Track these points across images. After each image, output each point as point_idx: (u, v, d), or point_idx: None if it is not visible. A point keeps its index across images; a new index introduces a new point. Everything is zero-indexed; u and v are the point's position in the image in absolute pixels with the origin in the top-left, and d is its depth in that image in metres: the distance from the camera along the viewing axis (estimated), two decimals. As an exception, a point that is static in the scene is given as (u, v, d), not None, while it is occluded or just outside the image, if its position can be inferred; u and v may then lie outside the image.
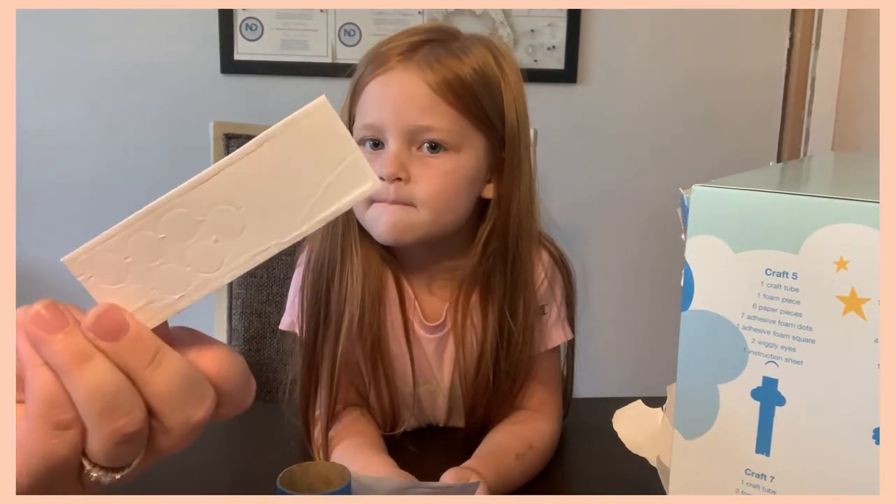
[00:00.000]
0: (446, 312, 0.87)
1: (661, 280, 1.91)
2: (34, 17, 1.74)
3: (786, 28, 1.90)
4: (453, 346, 0.87)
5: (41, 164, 1.81)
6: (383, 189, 0.76)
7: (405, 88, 0.77)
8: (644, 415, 0.66)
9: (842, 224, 0.46)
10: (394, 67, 0.77)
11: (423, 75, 0.77)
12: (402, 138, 0.77)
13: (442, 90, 0.77)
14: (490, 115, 0.81)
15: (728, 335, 0.51)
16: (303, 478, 0.60)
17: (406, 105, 0.77)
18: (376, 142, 0.79)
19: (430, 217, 0.78)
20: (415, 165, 0.77)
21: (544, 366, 0.90)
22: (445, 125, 0.77)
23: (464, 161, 0.79)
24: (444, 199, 0.79)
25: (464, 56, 0.79)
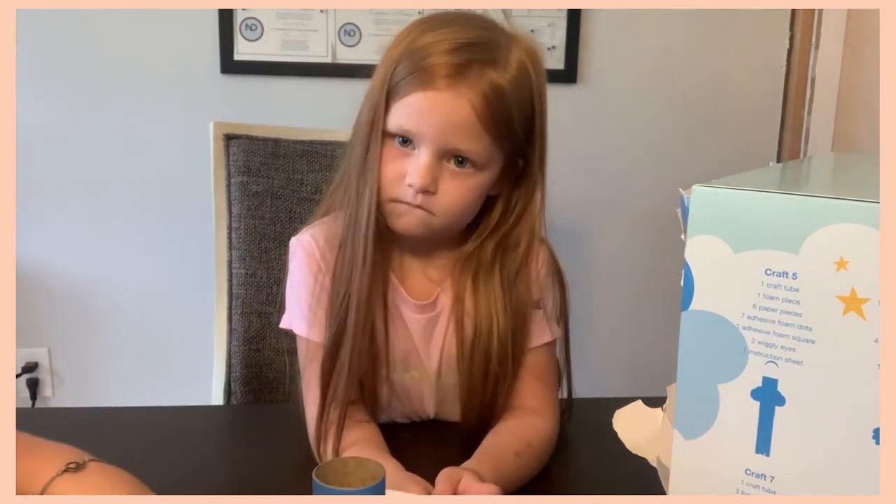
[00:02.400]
0: (438, 293, 0.89)
1: (661, 280, 1.91)
2: (34, 17, 1.74)
3: (786, 28, 1.90)
4: (443, 330, 0.89)
5: (41, 164, 1.81)
6: (410, 194, 0.81)
7: (455, 113, 0.80)
8: (644, 415, 0.66)
9: (842, 224, 0.46)
10: (442, 89, 0.80)
11: (472, 101, 0.79)
12: (437, 153, 0.81)
13: (484, 117, 0.80)
14: (518, 132, 0.84)
15: (728, 335, 0.51)
16: (336, 473, 0.61)
17: (450, 128, 0.80)
18: (406, 140, 0.82)
19: (444, 223, 0.84)
20: (443, 177, 0.82)
21: (541, 361, 0.92)
22: (479, 149, 0.81)
23: (485, 178, 0.84)
24: (462, 211, 0.84)
25: (505, 72, 0.82)
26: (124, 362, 1.92)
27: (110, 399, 1.91)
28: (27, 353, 1.90)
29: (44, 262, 1.86)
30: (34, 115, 1.78)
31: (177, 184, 1.82)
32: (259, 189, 1.25)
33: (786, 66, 1.92)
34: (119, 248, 1.86)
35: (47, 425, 0.91)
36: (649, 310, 1.97)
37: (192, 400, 1.08)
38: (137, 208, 1.85)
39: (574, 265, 2.03)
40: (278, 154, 1.27)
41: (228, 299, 1.25)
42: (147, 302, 1.90)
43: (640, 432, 0.65)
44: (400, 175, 0.82)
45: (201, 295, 1.53)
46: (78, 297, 1.88)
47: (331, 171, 1.29)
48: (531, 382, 0.90)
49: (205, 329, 1.32)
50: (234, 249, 1.25)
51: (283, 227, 1.27)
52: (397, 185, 0.82)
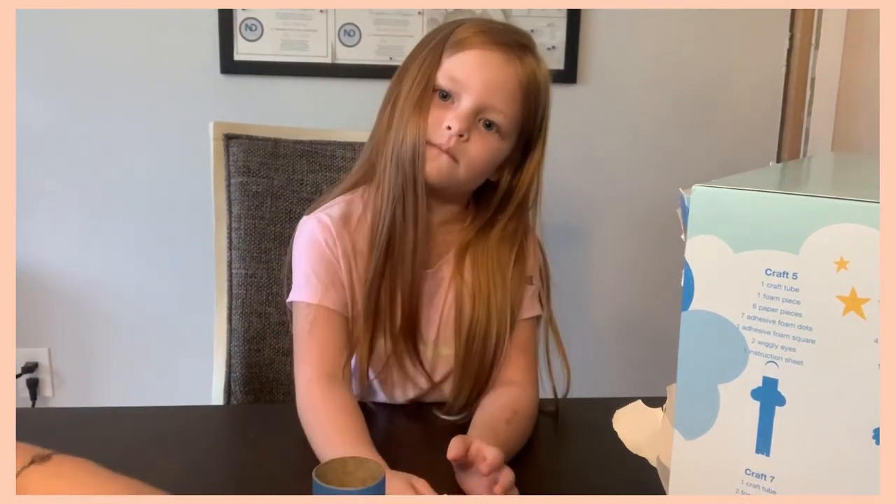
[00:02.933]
0: (441, 264, 0.97)
1: (661, 280, 1.91)
2: (34, 17, 1.74)
3: (786, 28, 1.90)
4: (443, 298, 0.97)
5: (41, 164, 1.81)
6: (445, 136, 0.89)
7: (503, 73, 0.91)
8: (644, 415, 0.66)
9: (842, 224, 0.46)
10: (497, 51, 0.91)
11: (519, 70, 0.92)
12: (477, 107, 0.90)
13: (524, 87, 0.92)
14: (534, 121, 0.96)
15: (728, 335, 0.51)
16: (336, 473, 0.61)
17: (498, 86, 0.90)
18: (446, 94, 0.91)
19: (465, 175, 0.92)
20: (474, 132, 0.91)
21: (526, 334, 0.99)
22: (510, 115, 0.92)
23: (503, 147, 0.94)
24: (481, 166, 0.93)
25: (541, 66, 0.95)
26: (124, 362, 1.92)
27: (110, 399, 1.91)
28: (27, 353, 1.90)
29: (44, 262, 1.86)
30: (34, 115, 1.78)
31: (177, 184, 1.82)
32: (259, 189, 1.25)
33: (786, 66, 1.92)
34: (119, 248, 1.87)
35: (47, 425, 0.91)
36: (649, 310, 1.97)
37: (192, 400, 1.08)
38: (137, 208, 1.85)
39: (574, 265, 2.04)
40: (278, 154, 1.27)
41: (228, 299, 1.25)
42: (147, 302, 1.90)
43: (640, 432, 0.65)
44: (438, 120, 0.90)
45: (201, 295, 1.53)
46: (78, 297, 1.88)
47: (331, 171, 1.29)
48: (516, 355, 0.97)
49: (205, 329, 1.32)
50: (234, 249, 1.25)
51: (283, 227, 1.27)
52: (435, 128, 0.90)
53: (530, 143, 0.97)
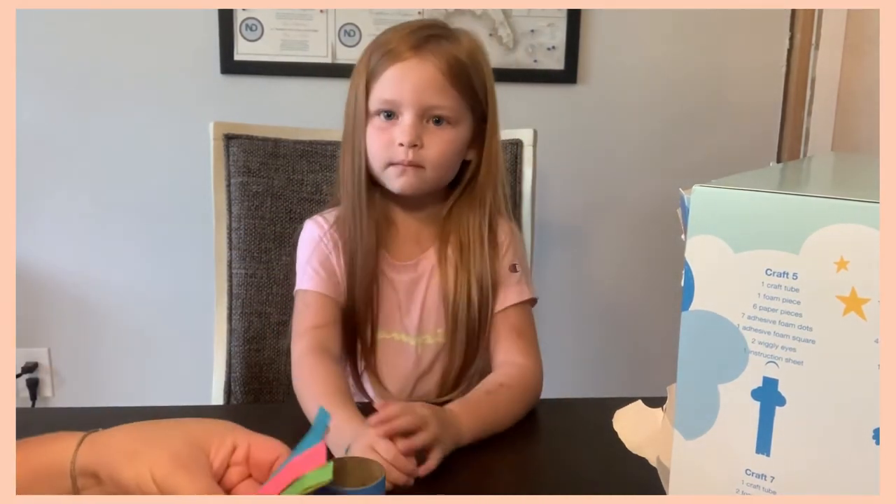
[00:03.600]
0: (420, 257, 1.04)
1: (661, 280, 1.91)
2: (34, 17, 1.74)
3: (786, 28, 1.90)
4: (424, 288, 1.04)
5: (41, 164, 1.81)
6: (401, 153, 0.97)
7: (423, 74, 0.96)
8: (644, 415, 0.67)
9: (842, 224, 0.46)
10: (410, 58, 0.97)
11: (436, 63, 0.97)
12: (416, 113, 0.97)
13: (450, 74, 0.97)
14: (478, 94, 1.01)
15: (728, 335, 0.51)
16: (336, 473, 0.61)
17: (423, 88, 0.96)
18: (389, 113, 0.98)
19: (434, 175, 0.99)
20: (426, 135, 0.98)
21: (520, 318, 1.03)
22: (450, 104, 0.98)
23: (460, 132, 1.00)
24: (446, 161, 1.00)
25: (459, 46, 1.00)
26: (124, 362, 1.92)
27: (110, 399, 1.91)
28: (27, 353, 1.90)
29: (44, 262, 1.86)
30: (34, 115, 1.78)
31: (177, 184, 1.82)
32: (259, 189, 1.25)
33: (786, 66, 1.92)
34: (119, 248, 1.86)
35: (47, 425, 0.91)
36: (649, 310, 1.97)
37: (192, 400, 1.08)
38: (137, 208, 1.85)
39: (574, 265, 2.04)
40: (278, 154, 1.27)
41: (228, 299, 1.25)
42: (147, 302, 1.90)
43: (640, 432, 0.65)
44: (390, 141, 0.98)
45: (201, 295, 1.53)
46: (78, 297, 1.88)
47: (331, 171, 1.29)
48: (512, 338, 1.01)
49: (205, 329, 1.32)
50: (234, 249, 1.25)
51: (283, 227, 1.27)
52: (389, 148, 0.98)
53: (485, 114, 1.03)
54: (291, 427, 0.90)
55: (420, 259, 1.05)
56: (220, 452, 0.56)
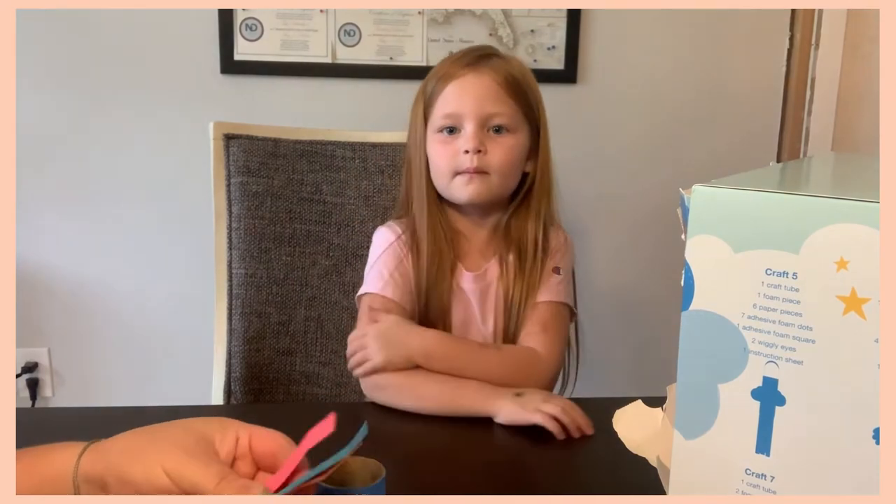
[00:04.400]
0: (487, 266, 1.09)
1: (661, 280, 1.91)
2: (34, 17, 1.74)
3: (786, 28, 1.90)
4: (494, 296, 1.08)
5: (41, 164, 1.81)
6: (467, 160, 1.02)
7: (481, 85, 1.03)
8: (644, 415, 0.66)
9: (842, 224, 0.46)
10: (466, 74, 1.03)
11: (492, 76, 1.03)
12: (477, 123, 1.03)
13: (506, 86, 1.04)
14: (532, 107, 1.07)
15: (728, 335, 0.51)
16: (336, 473, 0.61)
17: (483, 98, 1.03)
18: (452, 129, 1.04)
19: (499, 181, 1.05)
20: (488, 142, 1.03)
21: (547, 313, 1.06)
22: (508, 112, 1.04)
23: (519, 140, 1.06)
24: (510, 167, 1.05)
25: (511, 64, 1.07)
26: (124, 362, 1.92)
27: (110, 399, 1.91)
28: (27, 353, 1.90)
29: (44, 262, 1.86)
30: (34, 116, 1.78)
31: (177, 184, 1.82)
32: (259, 189, 1.25)
33: (786, 66, 1.92)
34: (119, 248, 1.86)
35: (47, 425, 0.91)
36: (649, 310, 1.97)
37: (193, 400, 1.08)
38: (137, 208, 1.85)
39: (574, 264, 2.03)
40: (278, 154, 1.27)
41: (228, 299, 1.25)
42: (147, 302, 1.90)
43: (640, 432, 0.65)
44: (455, 151, 1.03)
45: (201, 295, 1.53)
46: (78, 297, 1.88)
47: (331, 171, 1.29)
48: (536, 330, 1.05)
49: (205, 329, 1.32)
50: (234, 249, 1.25)
51: (283, 227, 1.27)
52: (455, 158, 1.03)
53: (538, 128, 1.09)
54: (291, 427, 0.90)
55: (487, 268, 1.09)
56: (225, 444, 0.56)
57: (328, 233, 1.29)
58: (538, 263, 1.07)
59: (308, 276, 1.27)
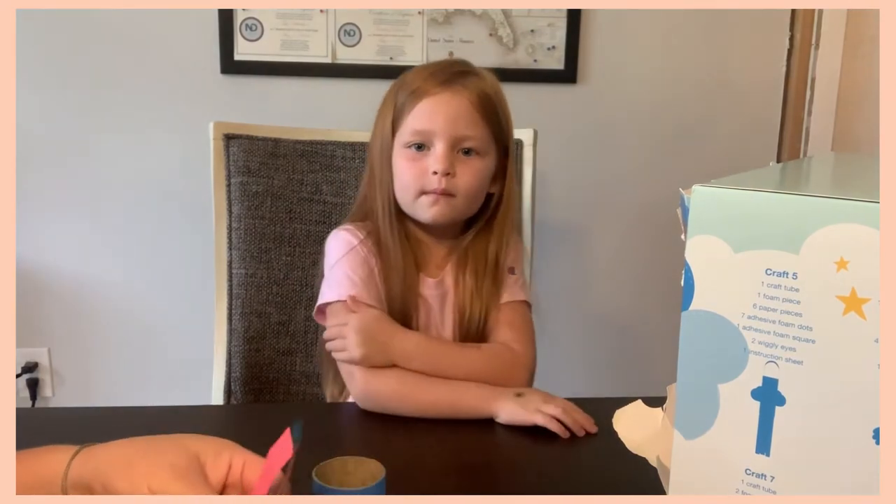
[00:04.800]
0: (443, 274, 1.08)
1: (661, 280, 1.91)
2: (34, 17, 1.74)
3: (786, 28, 1.90)
4: (451, 303, 1.07)
5: (41, 164, 1.81)
6: (434, 181, 1.00)
7: (456, 106, 1.00)
8: (644, 415, 0.66)
9: (842, 224, 0.46)
10: (441, 91, 1.00)
11: (468, 96, 1.01)
12: (448, 143, 1.00)
13: (479, 107, 1.01)
14: (503, 129, 1.06)
15: (728, 335, 0.51)
16: (336, 473, 0.61)
17: (456, 119, 1.00)
18: (420, 145, 1.02)
19: (464, 203, 1.03)
20: (457, 164, 1.01)
21: (513, 313, 1.07)
22: (480, 135, 1.02)
23: (487, 163, 1.04)
24: (475, 191, 1.04)
25: (485, 81, 1.04)
26: (124, 362, 1.92)
27: (110, 399, 1.91)
28: (27, 353, 1.90)
29: (44, 262, 1.86)
30: (34, 116, 1.78)
31: (177, 184, 1.82)
32: (259, 189, 1.25)
33: (786, 66, 1.92)
34: (119, 248, 1.86)
35: (47, 425, 0.91)
36: (649, 310, 1.97)
37: (192, 400, 1.08)
38: (137, 208, 1.85)
39: (574, 264, 2.04)
40: (278, 154, 1.27)
41: (228, 299, 1.25)
42: (147, 302, 1.90)
43: (640, 432, 0.65)
44: (423, 170, 1.01)
45: (201, 295, 1.53)
46: (78, 297, 1.88)
47: (331, 171, 1.29)
48: (504, 329, 1.05)
49: (205, 329, 1.32)
50: (234, 249, 1.25)
51: (283, 227, 1.27)
52: (422, 178, 1.01)
53: (507, 148, 1.07)
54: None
55: (443, 276, 1.09)
56: (217, 469, 0.55)
57: (328, 233, 1.29)
58: (496, 282, 1.07)
59: (308, 276, 1.27)
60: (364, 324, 0.97)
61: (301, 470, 0.58)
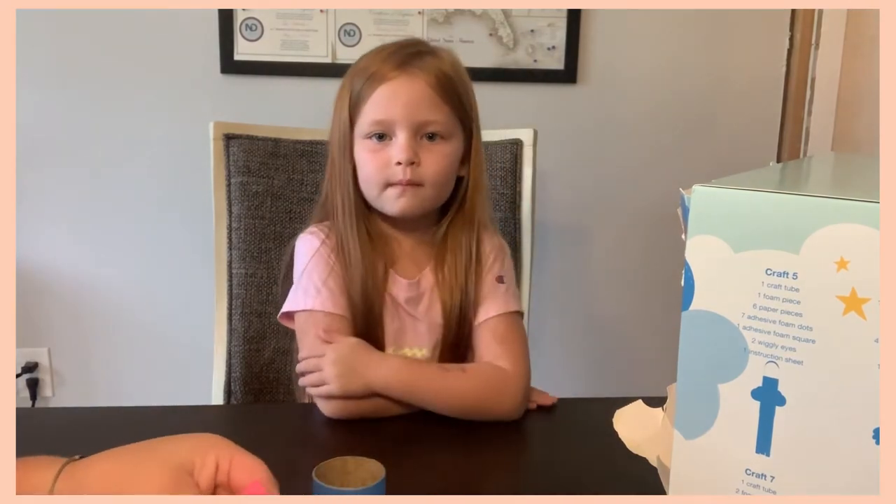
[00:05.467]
0: (421, 275, 1.02)
1: (661, 280, 1.91)
2: (34, 17, 1.74)
3: (786, 28, 1.90)
4: (427, 304, 1.01)
5: (41, 164, 1.81)
6: (399, 172, 0.95)
7: (414, 91, 0.95)
8: (644, 415, 0.66)
9: (842, 224, 0.46)
10: (398, 76, 0.95)
11: (426, 79, 0.95)
12: (411, 131, 0.95)
13: (439, 88, 0.96)
14: (466, 109, 1.00)
15: (728, 335, 0.51)
16: (336, 473, 0.61)
17: (415, 104, 0.95)
18: (381, 135, 0.96)
19: (433, 192, 0.98)
20: (422, 151, 0.96)
21: (502, 327, 1.00)
22: (442, 118, 0.96)
23: (454, 146, 0.99)
24: (444, 176, 0.98)
25: (443, 60, 0.98)
26: (124, 362, 1.92)
27: (110, 399, 1.91)
28: (27, 353, 1.90)
29: (44, 262, 1.86)
30: (34, 115, 1.78)
31: (177, 184, 1.82)
32: (259, 189, 1.25)
33: (786, 66, 1.92)
34: (119, 249, 1.87)
35: (47, 425, 0.91)
36: (649, 310, 1.97)
37: (192, 400, 1.08)
38: (137, 208, 1.85)
39: (574, 265, 2.04)
40: (278, 154, 1.27)
41: (228, 299, 1.25)
42: (147, 302, 1.90)
43: (640, 432, 0.65)
44: (386, 161, 0.95)
45: (201, 295, 1.53)
46: (78, 297, 1.88)
47: (331, 171, 1.29)
48: (494, 345, 0.98)
49: (205, 329, 1.32)
50: (234, 249, 1.25)
51: (283, 227, 1.27)
52: (386, 169, 0.95)
53: (472, 129, 1.02)
54: (291, 427, 0.91)
55: (421, 277, 1.03)
56: (205, 472, 0.54)
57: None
58: (473, 273, 1.01)
59: (308, 276, 1.27)
60: (341, 355, 0.91)
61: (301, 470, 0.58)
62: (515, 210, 1.29)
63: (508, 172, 1.29)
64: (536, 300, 1.14)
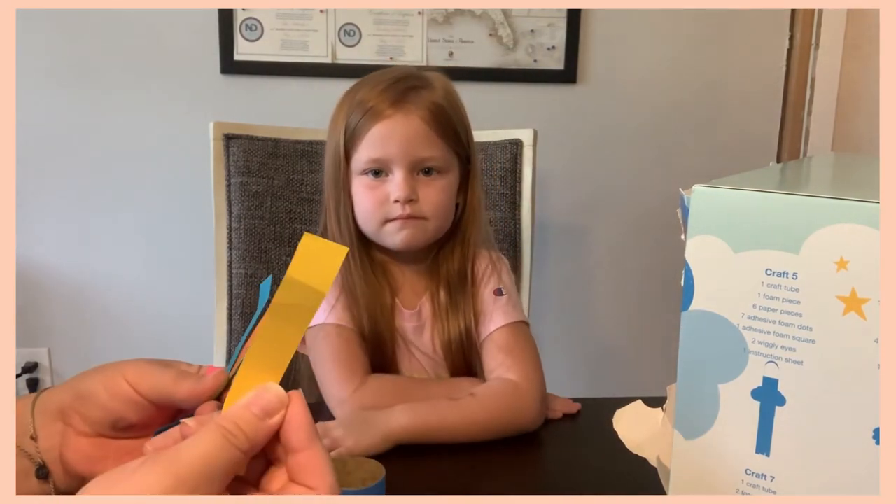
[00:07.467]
0: (421, 303, 1.02)
1: (661, 280, 1.91)
2: (34, 17, 1.74)
3: (786, 28, 1.90)
4: (430, 332, 1.02)
5: (41, 164, 1.81)
6: (398, 209, 0.95)
7: (409, 129, 0.95)
8: (644, 415, 0.66)
9: (842, 224, 0.46)
10: (393, 114, 0.95)
11: (420, 115, 0.95)
12: (407, 168, 0.95)
13: (435, 124, 0.96)
14: (462, 141, 1.00)
15: (728, 335, 0.51)
16: (336, 473, 0.61)
17: (411, 142, 0.95)
18: (377, 171, 0.96)
19: (434, 225, 0.98)
20: (419, 187, 0.96)
21: (507, 338, 0.99)
22: (438, 154, 0.97)
23: (451, 179, 1.00)
24: (443, 210, 0.99)
25: (435, 91, 0.98)
26: (124, 362, 1.92)
27: (110, 399, 1.91)
28: (27, 353, 1.90)
29: (44, 262, 1.86)
30: (34, 115, 1.78)
31: (177, 184, 1.82)
32: (259, 189, 1.25)
33: (786, 66, 1.92)
34: (119, 249, 1.87)
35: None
36: (649, 310, 1.97)
37: (192, 400, 1.08)
38: (137, 208, 1.85)
39: (574, 265, 2.04)
40: (278, 154, 1.27)
41: (228, 299, 1.25)
42: (147, 302, 1.90)
43: (640, 432, 0.65)
44: (384, 198, 0.96)
45: (201, 295, 1.53)
46: (78, 297, 1.88)
47: (331, 171, 1.29)
48: (500, 358, 0.97)
49: (205, 329, 1.32)
50: (234, 249, 1.25)
51: (283, 227, 1.27)
52: (384, 206, 0.96)
53: (469, 157, 1.02)
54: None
55: (420, 306, 1.03)
56: None
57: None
58: (468, 295, 1.00)
59: (308, 276, 1.27)
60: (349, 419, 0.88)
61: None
62: (515, 210, 1.29)
63: (508, 172, 1.29)
64: (536, 300, 1.14)
